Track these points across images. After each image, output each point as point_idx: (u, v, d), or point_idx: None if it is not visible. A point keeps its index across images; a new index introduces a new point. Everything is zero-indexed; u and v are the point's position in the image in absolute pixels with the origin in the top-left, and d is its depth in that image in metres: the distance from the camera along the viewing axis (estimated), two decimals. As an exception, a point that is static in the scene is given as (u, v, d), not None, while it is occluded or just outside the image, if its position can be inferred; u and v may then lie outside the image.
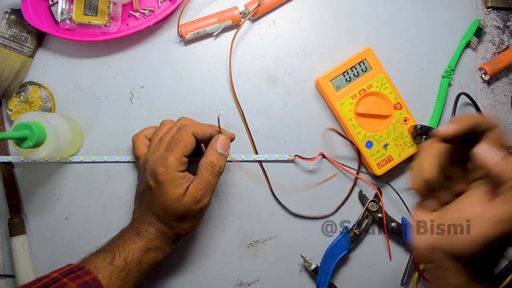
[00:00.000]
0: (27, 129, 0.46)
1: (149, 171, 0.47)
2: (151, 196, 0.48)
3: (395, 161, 0.58)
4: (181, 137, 0.47)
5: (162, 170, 0.46)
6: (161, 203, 0.47)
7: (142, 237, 0.48)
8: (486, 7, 0.63)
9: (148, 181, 0.47)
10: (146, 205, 0.49)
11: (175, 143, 0.47)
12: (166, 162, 0.46)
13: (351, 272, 0.60)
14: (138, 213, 0.50)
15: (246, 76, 0.59)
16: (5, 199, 0.57)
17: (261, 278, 0.60)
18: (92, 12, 0.56)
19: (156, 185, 0.47)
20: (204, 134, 0.49)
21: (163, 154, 0.47)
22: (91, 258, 0.46)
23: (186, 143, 0.47)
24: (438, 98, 0.61)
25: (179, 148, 0.46)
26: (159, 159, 0.47)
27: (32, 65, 0.58)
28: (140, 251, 0.47)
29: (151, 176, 0.47)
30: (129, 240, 0.47)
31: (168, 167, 0.46)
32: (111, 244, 0.47)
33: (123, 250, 0.46)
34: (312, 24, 0.60)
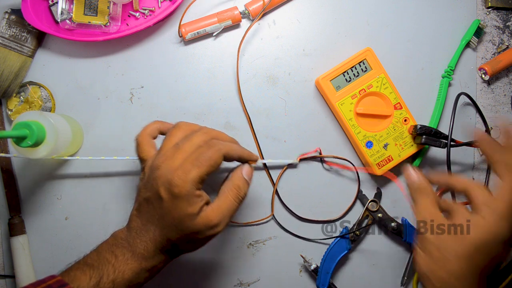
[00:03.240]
0: (27, 128, 0.46)
1: (163, 180, 0.42)
2: (160, 207, 0.42)
3: (395, 161, 0.58)
4: (212, 156, 0.42)
5: (181, 183, 0.41)
6: (171, 218, 0.42)
7: (137, 256, 0.42)
8: (486, 7, 0.63)
9: (159, 191, 0.42)
10: (150, 215, 0.43)
11: (204, 160, 0.42)
12: (187, 177, 0.41)
13: (351, 272, 0.60)
14: (137, 223, 0.44)
15: (246, 76, 0.59)
16: (5, 199, 0.57)
17: (261, 278, 0.60)
18: (92, 12, 0.56)
19: (169, 197, 0.41)
20: (233, 157, 0.45)
21: (186, 167, 0.41)
22: (77, 273, 0.41)
23: (215, 163, 0.42)
24: (438, 98, 0.61)
25: (207, 166, 0.42)
26: (179, 171, 0.41)
27: (32, 65, 0.58)
28: (133, 272, 0.42)
29: (165, 187, 0.41)
30: (121, 257, 0.42)
31: (188, 182, 0.41)
32: (101, 259, 0.42)
33: (112, 270, 0.41)
34: (312, 24, 0.60)
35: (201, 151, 0.43)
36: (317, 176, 0.60)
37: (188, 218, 0.41)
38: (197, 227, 0.42)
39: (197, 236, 0.42)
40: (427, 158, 0.61)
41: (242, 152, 0.46)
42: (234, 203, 0.44)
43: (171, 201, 0.41)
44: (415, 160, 0.60)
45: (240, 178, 0.45)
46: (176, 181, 0.41)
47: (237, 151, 0.45)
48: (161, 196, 0.42)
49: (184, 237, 0.42)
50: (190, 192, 0.41)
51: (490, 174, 0.62)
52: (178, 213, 0.41)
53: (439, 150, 0.61)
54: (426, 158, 0.61)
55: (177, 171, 0.41)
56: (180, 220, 0.41)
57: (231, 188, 0.44)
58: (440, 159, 0.61)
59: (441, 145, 0.56)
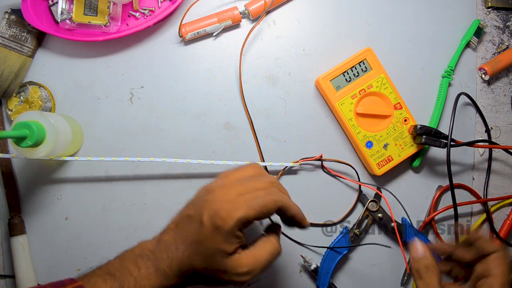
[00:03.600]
0: (27, 128, 0.46)
1: (210, 207, 0.40)
2: (198, 232, 0.40)
3: (395, 161, 0.58)
4: (267, 203, 0.40)
5: (226, 217, 0.39)
6: (204, 247, 0.39)
7: (160, 273, 0.40)
8: (486, 7, 0.63)
9: (203, 216, 0.40)
10: (185, 235, 0.41)
11: (257, 204, 0.40)
12: (234, 213, 0.39)
13: (351, 272, 0.60)
14: (170, 237, 0.42)
15: (246, 76, 0.59)
16: (5, 199, 0.57)
17: (261, 278, 0.60)
18: (92, 12, 0.56)
19: (210, 226, 0.39)
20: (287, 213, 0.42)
21: (237, 203, 0.39)
22: (97, 280, 0.39)
23: (267, 211, 0.40)
24: (438, 98, 0.61)
25: (257, 211, 0.39)
26: (230, 205, 0.39)
27: (32, 65, 0.58)
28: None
29: (209, 214, 0.39)
30: (144, 270, 0.40)
31: (234, 219, 0.38)
32: (123, 269, 0.41)
33: (133, 283, 0.39)
34: (312, 24, 0.60)
35: (258, 194, 0.41)
36: (317, 177, 0.60)
37: (220, 254, 0.39)
38: (225, 266, 0.39)
39: (221, 276, 0.40)
40: (427, 158, 0.61)
41: (297, 212, 0.43)
42: (270, 257, 0.41)
43: (211, 230, 0.39)
44: (415, 160, 0.60)
45: (277, 240, 0.43)
46: (222, 214, 0.39)
47: (294, 209, 0.42)
48: (203, 222, 0.40)
49: (209, 271, 0.40)
50: (231, 230, 0.39)
51: (490, 174, 0.62)
52: (212, 245, 0.39)
53: (439, 150, 0.61)
54: (426, 158, 0.61)
55: (227, 203, 0.39)
56: (212, 253, 0.39)
57: (273, 242, 0.42)
58: (440, 159, 0.61)
59: (441, 145, 0.56)
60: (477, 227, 0.61)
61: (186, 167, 0.59)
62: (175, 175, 0.59)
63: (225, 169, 0.46)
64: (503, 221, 0.61)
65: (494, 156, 0.62)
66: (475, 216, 0.62)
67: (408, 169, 0.61)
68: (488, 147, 0.61)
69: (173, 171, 0.59)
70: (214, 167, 0.59)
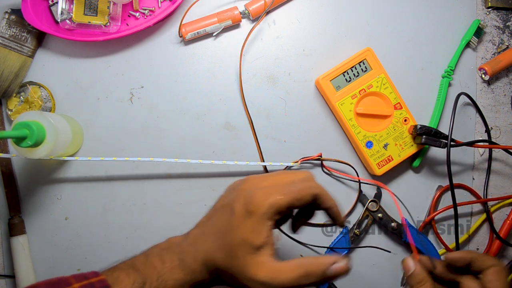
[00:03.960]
0: (27, 128, 0.46)
1: (243, 194, 0.38)
2: (228, 220, 0.38)
3: (395, 161, 0.58)
4: (301, 189, 0.38)
5: (258, 202, 0.36)
6: (230, 237, 0.37)
7: (185, 266, 0.39)
8: (486, 7, 0.63)
9: (235, 203, 0.38)
10: (215, 226, 0.40)
11: (291, 190, 0.37)
12: (267, 198, 0.36)
13: (351, 272, 0.60)
14: (199, 231, 0.41)
15: (246, 76, 0.59)
16: (5, 199, 0.57)
17: (261, 278, 0.60)
18: (92, 12, 0.56)
19: (241, 212, 0.37)
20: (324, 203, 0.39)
21: (271, 190, 0.38)
22: (121, 275, 0.38)
23: (300, 197, 0.37)
24: (438, 98, 0.61)
25: (291, 197, 0.37)
26: (262, 190, 0.37)
27: (32, 65, 0.58)
28: (176, 283, 0.38)
29: (241, 201, 0.38)
30: (168, 264, 0.39)
31: (266, 204, 0.36)
32: (148, 263, 0.39)
33: (156, 277, 0.38)
34: (312, 24, 0.60)
35: (294, 183, 0.39)
36: (317, 177, 0.60)
37: (244, 246, 0.36)
38: (244, 265, 0.36)
39: (236, 277, 0.37)
40: (427, 158, 0.61)
41: (333, 205, 0.40)
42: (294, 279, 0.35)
43: (241, 216, 0.37)
44: (415, 160, 0.60)
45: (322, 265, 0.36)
46: (254, 199, 0.37)
47: (330, 201, 0.40)
48: (234, 209, 0.38)
49: (227, 268, 0.37)
50: (262, 217, 0.36)
51: (490, 174, 0.62)
52: (240, 233, 0.36)
53: (439, 150, 0.61)
54: (426, 158, 0.61)
55: (260, 190, 0.38)
56: (237, 244, 0.36)
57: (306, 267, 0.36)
58: (440, 159, 0.61)
59: (441, 145, 0.56)
60: (475, 228, 0.62)
61: (186, 167, 0.59)
62: (175, 175, 0.59)
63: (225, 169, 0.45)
64: (503, 221, 0.61)
65: (494, 156, 0.62)
66: (475, 216, 0.62)
67: (408, 169, 0.61)
68: (488, 147, 0.61)
69: (173, 171, 0.59)
70: (214, 167, 0.59)
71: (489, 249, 0.61)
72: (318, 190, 0.39)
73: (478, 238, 0.62)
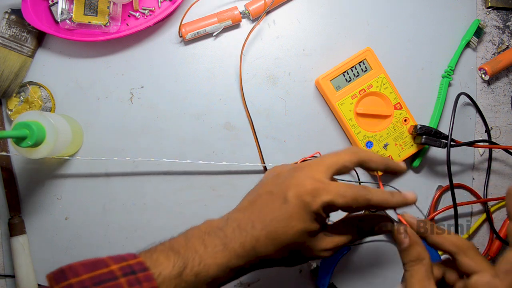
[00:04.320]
0: (27, 128, 0.46)
1: (299, 184, 0.38)
2: (279, 210, 0.38)
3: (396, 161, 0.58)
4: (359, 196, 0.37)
5: (316, 194, 0.37)
6: (287, 226, 0.37)
7: (229, 250, 0.37)
8: (486, 7, 0.63)
9: (288, 193, 0.38)
10: (263, 212, 0.38)
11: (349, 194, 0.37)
12: (325, 194, 0.37)
13: (351, 272, 0.60)
14: (243, 215, 0.39)
15: (246, 76, 0.59)
16: (5, 199, 0.57)
17: (261, 278, 0.60)
18: (92, 12, 0.56)
19: (296, 202, 0.37)
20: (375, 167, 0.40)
21: (330, 185, 0.37)
22: (160, 257, 0.37)
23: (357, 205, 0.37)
24: (438, 98, 0.61)
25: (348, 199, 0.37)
26: (320, 184, 0.37)
27: (32, 65, 0.58)
28: (219, 268, 0.37)
29: (296, 191, 0.37)
30: (211, 248, 0.37)
31: (323, 199, 0.37)
32: (189, 246, 0.38)
33: (198, 261, 0.37)
34: (312, 24, 0.60)
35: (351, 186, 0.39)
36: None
37: (305, 234, 0.37)
38: (310, 245, 0.38)
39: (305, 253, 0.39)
40: (427, 158, 0.61)
41: (386, 162, 0.40)
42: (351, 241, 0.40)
43: (297, 207, 0.37)
44: (415, 160, 0.60)
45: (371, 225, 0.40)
46: (312, 191, 0.37)
47: (381, 161, 0.40)
48: (288, 198, 0.37)
49: (291, 250, 0.38)
50: (318, 209, 0.37)
51: (491, 174, 0.62)
52: (298, 223, 0.37)
53: (439, 150, 0.61)
54: (426, 158, 0.61)
55: (317, 182, 0.37)
56: (297, 232, 0.37)
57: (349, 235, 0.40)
58: (440, 159, 0.61)
59: (441, 145, 0.56)
60: (475, 228, 0.62)
61: (186, 167, 0.59)
62: (175, 175, 0.59)
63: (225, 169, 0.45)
64: (503, 221, 0.61)
65: (494, 156, 0.62)
66: (475, 216, 0.62)
67: (408, 169, 0.61)
68: (488, 147, 0.61)
69: (173, 171, 0.59)
70: (214, 166, 0.59)
71: (489, 249, 0.61)
72: (364, 155, 0.39)
73: (478, 238, 0.62)
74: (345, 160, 0.39)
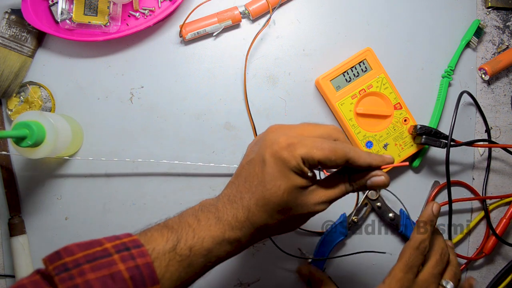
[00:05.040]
0: (26, 128, 0.46)
1: (274, 143, 0.37)
2: (261, 173, 0.37)
3: (395, 161, 0.58)
4: (337, 151, 0.37)
5: (292, 148, 0.36)
6: (273, 187, 0.37)
7: (222, 223, 0.37)
8: (486, 7, 0.63)
9: (265, 155, 0.37)
10: (248, 182, 0.38)
11: (326, 147, 0.36)
12: (300, 148, 0.36)
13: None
14: (232, 190, 0.39)
15: (246, 76, 0.59)
16: (5, 199, 0.57)
17: (261, 278, 0.60)
18: (92, 12, 0.56)
19: (274, 160, 0.36)
20: (359, 165, 0.38)
21: (305, 140, 0.37)
22: (154, 234, 0.37)
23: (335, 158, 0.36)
24: (438, 98, 0.61)
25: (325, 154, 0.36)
26: (295, 139, 0.37)
27: (32, 65, 0.58)
28: (213, 241, 0.37)
29: (272, 150, 0.37)
30: (204, 222, 0.38)
31: (300, 152, 0.36)
32: (182, 222, 0.38)
33: (192, 235, 0.37)
34: (312, 24, 0.60)
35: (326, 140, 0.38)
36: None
37: (294, 190, 0.37)
38: (302, 200, 0.37)
39: (298, 210, 0.38)
40: (427, 158, 0.61)
41: (371, 160, 0.39)
42: (343, 192, 0.40)
43: (276, 165, 0.36)
44: (415, 160, 0.60)
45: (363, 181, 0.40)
46: (287, 146, 0.36)
47: (365, 160, 0.38)
48: (266, 160, 0.37)
49: (284, 211, 0.38)
50: (298, 163, 0.36)
51: (491, 174, 0.62)
52: (282, 181, 0.36)
53: (439, 150, 0.61)
54: (426, 158, 0.61)
55: (292, 138, 0.37)
56: (285, 190, 0.36)
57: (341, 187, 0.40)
58: (440, 159, 0.61)
59: (441, 145, 0.56)
60: (472, 226, 0.62)
61: (186, 167, 0.59)
62: (175, 175, 0.59)
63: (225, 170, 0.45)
64: (499, 219, 0.61)
65: (495, 155, 0.62)
66: (474, 214, 0.62)
67: (408, 169, 0.61)
68: (487, 146, 0.61)
69: (173, 171, 0.59)
70: (214, 167, 0.59)
71: (483, 245, 0.61)
72: (352, 154, 0.38)
73: (475, 236, 0.62)
74: (325, 155, 0.37)
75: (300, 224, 0.40)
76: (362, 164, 0.38)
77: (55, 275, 0.32)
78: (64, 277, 0.32)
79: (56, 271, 0.32)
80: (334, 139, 0.39)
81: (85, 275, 0.32)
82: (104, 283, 0.32)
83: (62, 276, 0.32)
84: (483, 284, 0.62)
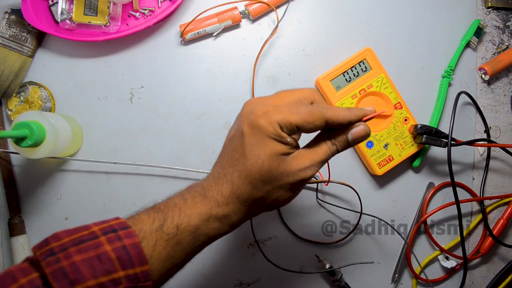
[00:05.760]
0: (27, 128, 0.46)
1: (250, 114, 0.37)
2: (242, 144, 0.37)
3: (396, 161, 0.58)
4: (314, 113, 0.36)
5: (267, 116, 0.36)
6: (254, 157, 0.36)
7: (208, 199, 0.37)
8: (486, 7, 0.63)
9: (243, 125, 0.37)
10: (230, 156, 0.38)
11: (302, 111, 0.36)
12: (277, 113, 0.36)
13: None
14: (216, 169, 0.39)
15: (246, 76, 0.59)
16: (5, 199, 0.57)
17: (261, 278, 0.60)
18: (92, 12, 0.56)
19: (251, 130, 0.36)
20: (339, 124, 0.38)
21: (280, 108, 0.36)
22: (141, 216, 0.37)
23: (312, 120, 0.36)
24: (438, 98, 0.61)
25: (301, 118, 0.36)
26: (270, 107, 0.36)
27: (32, 65, 0.58)
28: (200, 218, 0.37)
29: (249, 120, 0.37)
30: (190, 201, 0.38)
31: (276, 118, 0.35)
32: (168, 202, 0.38)
33: (178, 213, 0.37)
34: (312, 24, 0.60)
35: (302, 104, 0.38)
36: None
37: (274, 158, 0.36)
38: (286, 168, 0.36)
39: (285, 180, 0.37)
40: (427, 157, 0.61)
41: (350, 115, 0.38)
42: (328, 153, 0.39)
43: (253, 135, 0.36)
44: (416, 160, 0.60)
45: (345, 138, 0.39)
46: (262, 114, 0.36)
47: (345, 116, 0.38)
48: (244, 132, 0.37)
49: (269, 182, 0.37)
50: (276, 129, 0.36)
51: (490, 174, 0.62)
52: (262, 150, 0.36)
53: (439, 150, 0.61)
54: (426, 158, 0.61)
55: (267, 106, 0.36)
56: (265, 159, 0.36)
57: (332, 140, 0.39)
58: (440, 159, 0.61)
59: (441, 145, 0.56)
60: (473, 226, 0.62)
61: (186, 168, 0.59)
62: (175, 175, 0.59)
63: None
64: (497, 220, 0.61)
65: (494, 155, 0.62)
66: (473, 216, 0.62)
67: (408, 169, 0.61)
68: (488, 145, 0.61)
69: (173, 171, 0.59)
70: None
71: (480, 245, 0.61)
72: (329, 115, 0.37)
73: (476, 238, 0.62)
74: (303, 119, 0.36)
75: (292, 194, 0.39)
76: (342, 122, 0.38)
77: (41, 260, 0.32)
78: (50, 261, 0.32)
79: (43, 256, 0.33)
80: (311, 101, 0.39)
81: (71, 257, 0.32)
82: (91, 264, 0.32)
83: (48, 260, 0.32)
84: (483, 284, 0.62)
